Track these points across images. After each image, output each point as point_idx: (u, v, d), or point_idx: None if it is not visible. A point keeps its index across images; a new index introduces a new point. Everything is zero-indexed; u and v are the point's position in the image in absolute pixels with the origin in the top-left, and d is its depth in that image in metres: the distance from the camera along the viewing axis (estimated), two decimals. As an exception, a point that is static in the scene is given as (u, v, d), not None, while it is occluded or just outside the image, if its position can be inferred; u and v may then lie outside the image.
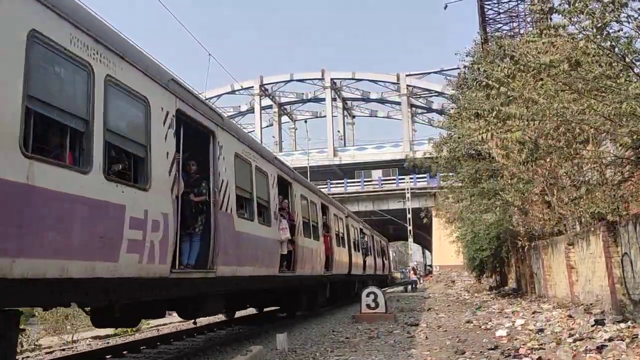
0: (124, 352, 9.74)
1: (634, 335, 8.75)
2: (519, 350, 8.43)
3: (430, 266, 72.32)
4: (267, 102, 73.88)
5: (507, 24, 36.91)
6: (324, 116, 72.31)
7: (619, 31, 8.39)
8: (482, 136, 10.86)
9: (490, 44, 22.90)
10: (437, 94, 66.19)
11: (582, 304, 13.59)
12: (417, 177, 53.20)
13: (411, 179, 53.56)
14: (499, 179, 18.75)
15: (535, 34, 9.55)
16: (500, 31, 35.38)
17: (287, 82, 72.39)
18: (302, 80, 72.03)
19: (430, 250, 65.40)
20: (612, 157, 11.05)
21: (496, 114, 9.87)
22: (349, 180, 59.87)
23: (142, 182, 6.52)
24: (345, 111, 76.06)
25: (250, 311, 16.83)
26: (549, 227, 17.28)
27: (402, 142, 66.68)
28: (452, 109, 28.14)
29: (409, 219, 51.31)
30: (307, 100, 76.09)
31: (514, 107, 10.13)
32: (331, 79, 69.81)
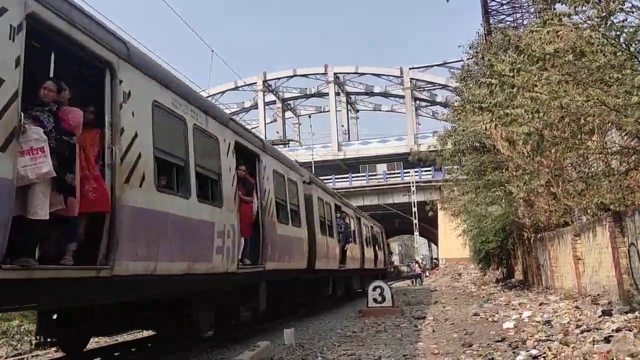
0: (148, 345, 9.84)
1: (642, 325, 8.71)
2: (526, 342, 8.42)
3: (436, 259, 72.32)
4: (270, 97, 73.88)
5: (511, 14, 36.70)
6: (328, 111, 72.18)
7: (624, 21, 8.33)
8: (486, 126, 10.84)
9: (493, 35, 22.81)
10: (441, 87, 65.92)
11: (589, 295, 13.56)
12: (422, 171, 53.08)
13: (416, 172, 53.44)
14: (503, 171, 18.69)
15: (539, 24, 9.49)
16: (503, 22, 35.22)
17: (290, 77, 72.27)
18: (305, 75, 71.88)
19: (436, 243, 65.32)
20: (618, 147, 10.99)
21: (500, 107, 9.84)
22: (353, 174, 59.77)
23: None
24: (348, 105, 75.91)
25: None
26: (554, 218, 17.23)
27: (406, 135, 66.52)
28: (456, 101, 28.05)
29: (415, 212, 51.28)
30: (311, 95, 75.97)
31: (518, 100, 10.09)
32: (334, 74, 69.64)
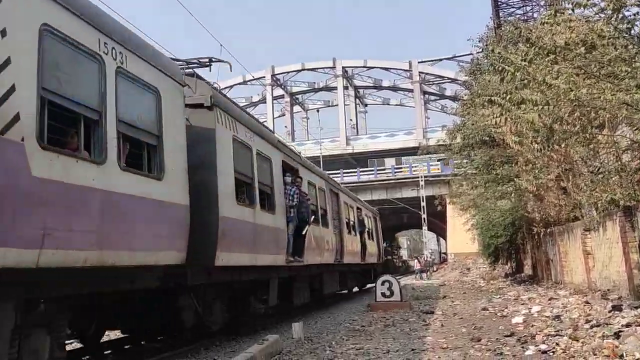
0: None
1: (653, 320, 8.65)
2: (535, 336, 8.39)
3: (445, 254, 72.20)
4: (278, 92, 73.87)
5: (521, 7, 36.45)
6: (336, 105, 72.13)
7: (636, 14, 8.24)
8: (496, 120, 10.78)
9: (503, 28, 22.63)
10: (450, 81, 65.64)
11: (599, 290, 13.48)
12: (431, 165, 52.91)
13: (425, 166, 53.28)
14: (513, 165, 18.59)
15: (549, 15, 9.41)
16: (513, 15, 34.97)
17: (299, 71, 72.25)
18: (313, 69, 71.85)
19: (444, 238, 65.20)
20: (629, 142, 10.90)
21: (510, 97, 9.77)
22: (361, 169, 59.67)
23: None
24: (357, 100, 75.80)
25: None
26: (564, 213, 17.12)
27: (415, 129, 66.34)
28: (465, 95, 27.90)
29: (423, 207, 51.16)
30: (319, 89, 75.95)
31: (528, 91, 10.02)
32: (343, 68, 69.52)
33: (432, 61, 68.87)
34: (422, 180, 51.67)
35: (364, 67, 71.32)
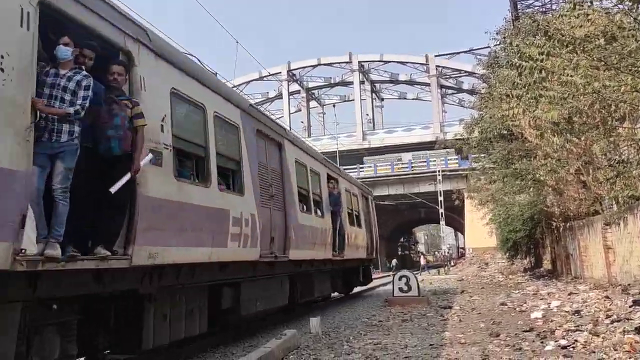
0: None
1: (675, 316, 8.54)
2: (555, 332, 8.32)
3: (462, 248, 71.78)
4: (294, 87, 73.87)
5: (539, -1, 35.90)
6: (352, 100, 71.92)
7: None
8: (514, 111, 10.67)
9: (521, 20, 22.37)
10: (467, 74, 65.09)
11: (619, 285, 13.32)
12: (448, 159, 52.57)
13: (442, 160, 52.95)
14: (532, 159, 18.41)
15: (568, 8, 9.29)
16: (531, 7, 34.48)
17: (315, 66, 72.14)
18: (329, 64, 71.66)
19: (462, 232, 64.82)
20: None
21: (528, 90, 9.67)
22: (378, 163, 59.43)
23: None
24: (373, 94, 75.49)
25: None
26: (584, 207, 16.94)
27: (432, 123, 65.94)
28: (483, 88, 27.66)
29: (441, 201, 50.87)
30: (335, 84, 75.77)
31: (547, 84, 9.91)
32: (359, 62, 69.24)
33: (449, 54, 68.34)
34: (439, 174, 51.37)
35: (380, 61, 70.95)
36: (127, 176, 5.33)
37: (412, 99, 77.24)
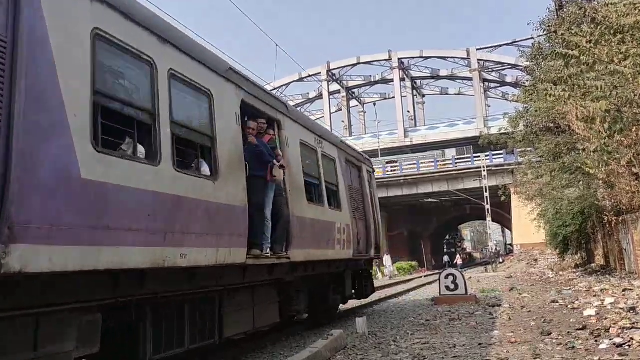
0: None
1: None
2: (609, 330, 8.07)
3: (510, 245, 70.36)
4: (335, 87, 73.90)
5: (584, -14, 34.78)
6: (393, 97, 71.47)
7: None
8: (561, 101, 10.37)
9: (565, 9, 21.76)
10: (510, 67, 63.75)
11: (678, 280, 12.81)
12: (493, 155, 51.56)
13: (487, 156, 51.96)
14: (580, 152, 17.89)
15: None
16: (576, -4, 33.46)
17: (354, 65, 71.95)
18: (369, 62, 71.38)
19: (510, 228, 63.46)
20: None
21: (575, 81, 9.40)
22: (421, 160, 58.82)
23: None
24: (414, 91, 74.74)
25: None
26: (638, 200, 16.37)
27: (475, 118, 64.85)
28: (527, 81, 27.05)
29: (486, 197, 49.93)
30: (375, 82, 75.42)
31: (594, 74, 9.61)
32: (399, 59, 68.72)
33: (491, 47, 67.00)
34: (484, 170, 50.43)
35: (420, 57, 70.16)
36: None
37: (454, 94, 76.11)
